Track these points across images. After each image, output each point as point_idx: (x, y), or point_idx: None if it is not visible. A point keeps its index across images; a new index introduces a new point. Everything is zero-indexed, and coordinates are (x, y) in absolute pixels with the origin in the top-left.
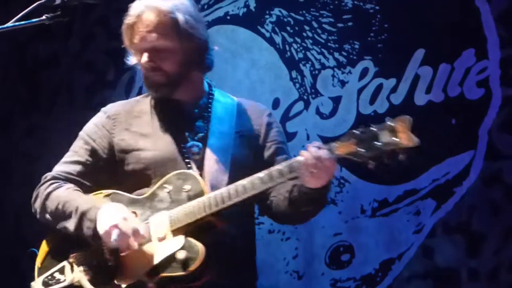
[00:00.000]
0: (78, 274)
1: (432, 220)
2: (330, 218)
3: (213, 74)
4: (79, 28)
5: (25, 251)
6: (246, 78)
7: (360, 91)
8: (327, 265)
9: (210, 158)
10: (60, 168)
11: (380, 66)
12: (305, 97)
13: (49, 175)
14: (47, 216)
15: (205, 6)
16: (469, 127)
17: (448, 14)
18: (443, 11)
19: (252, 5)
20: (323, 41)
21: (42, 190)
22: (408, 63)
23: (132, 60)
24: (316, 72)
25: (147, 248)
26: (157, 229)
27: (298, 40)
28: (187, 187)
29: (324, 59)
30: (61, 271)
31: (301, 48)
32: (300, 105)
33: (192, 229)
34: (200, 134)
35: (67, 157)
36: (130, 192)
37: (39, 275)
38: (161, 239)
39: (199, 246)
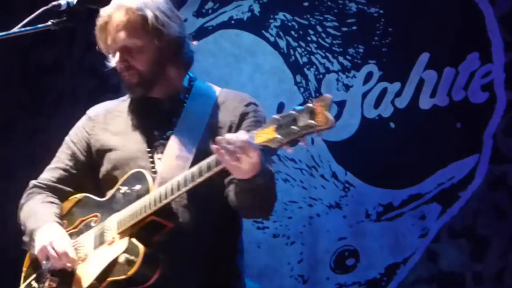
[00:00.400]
0: (48, 283)
1: (437, 225)
2: (335, 222)
3: (217, 78)
4: (82, 33)
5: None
6: (250, 82)
7: (364, 95)
8: (332, 270)
9: (170, 155)
10: (43, 175)
11: (384, 70)
12: (309, 101)
13: (31, 183)
14: (21, 227)
15: (210, 11)
16: (474, 131)
17: (452, 17)
18: (447, 15)
19: (257, 9)
20: (327, 45)
21: (21, 200)
22: (413, 67)
23: (112, 62)
24: (321, 76)
25: (98, 253)
26: (107, 233)
27: (303, 44)
28: (137, 187)
29: (328, 63)
30: (37, 279)
31: (305, 52)
32: None
33: (139, 231)
34: (169, 132)
35: (51, 163)
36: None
37: (23, 282)
38: (110, 243)
39: (139, 248)
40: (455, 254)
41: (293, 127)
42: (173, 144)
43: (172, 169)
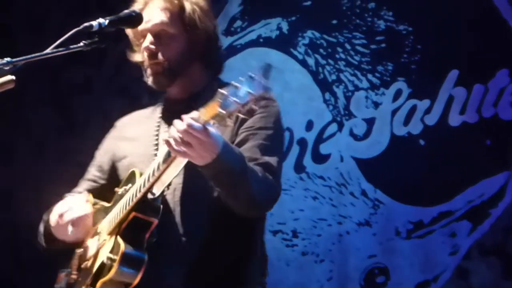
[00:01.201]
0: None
1: (468, 242)
2: (364, 240)
3: None
4: (112, 53)
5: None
6: (279, 100)
7: (394, 112)
8: None
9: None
10: (75, 188)
11: (414, 87)
12: (338, 119)
13: (64, 196)
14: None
15: (238, 29)
16: (504, 148)
17: (481, 34)
18: (476, 32)
19: (285, 27)
20: (356, 62)
21: None
22: (442, 84)
23: (135, 57)
24: (350, 93)
25: (96, 256)
26: (101, 235)
27: (331, 62)
28: (128, 186)
29: (357, 81)
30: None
31: (334, 70)
32: (333, 127)
33: (125, 230)
34: None
35: (84, 175)
36: None
37: None
38: (102, 245)
39: (120, 247)
40: (486, 272)
41: (233, 98)
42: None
43: (170, 168)
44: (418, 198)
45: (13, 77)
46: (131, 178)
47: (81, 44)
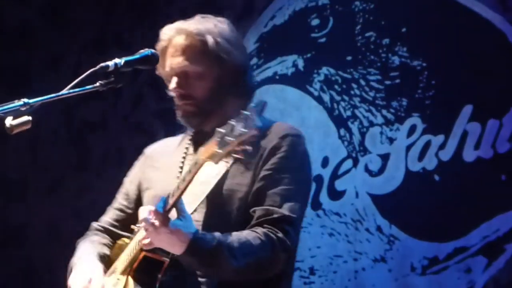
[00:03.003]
0: None
1: (483, 278)
2: (380, 276)
3: None
4: (128, 90)
5: None
6: None
7: (408, 148)
8: None
9: (188, 190)
10: (103, 216)
11: (428, 122)
12: (353, 154)
13: (92, 225)
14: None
15: (254, 66)
16: None
17: (495, 70)
18: (490, 68)
19: (301, 64)
20: (370, 98)
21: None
22: (456, 119)
23: (169, 89)
24: (364, 129)
25: None
26: (115, 274)
27: (346, 98)
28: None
29: (372, 117)
30: None
31: (349, 106)
32: (348, 163)
33: (136, 271)
34: None
35: (112, 203)
36: None
37: None
38: (115, 285)
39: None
40: None
41: (228, 138)
42: (195, 179)
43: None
44: (433, 233)
45: (30, 118)
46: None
47: (97, 84)
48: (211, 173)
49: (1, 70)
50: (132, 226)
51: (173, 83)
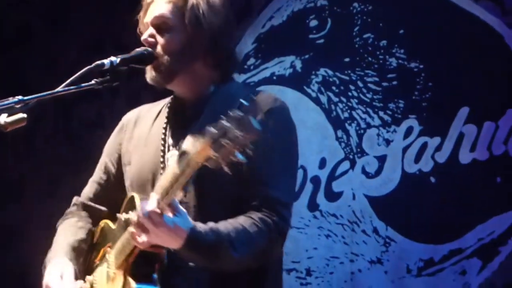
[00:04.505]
0: None
1: (478, 280)
2: (376, 278)
3: None
4: (125, 88)
5: None
6: None
7: (405, 149)
8: None
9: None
10: (84, 189)
11: (424, 124)
12: (351, 156)
13: (73, 200)
14: None
15: (252, 67)
16: None
17: (492, 72)
18: (487, 70)
19: (298, 65)
20: (368, 100)
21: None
22: (453, 122)
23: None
24: (362, 131)
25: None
26: (110, 268)
27: (344, 99)
28: (130, 213)
29: (369, 118)
30: None
31: (346, 107)
32: (346, 165)
33: (133, 265)
34: (181, 141)
35: (93, 175)
36: None
37: None
38: (113, 279)
39: (131, 286)
40: None
41: (223, 140)
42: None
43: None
44: (429, 235)
45: (25, 115)
46: (132, 203)
47: (93, 82)
48: None
49: None
50: (118, 215)
51: (146, 33)
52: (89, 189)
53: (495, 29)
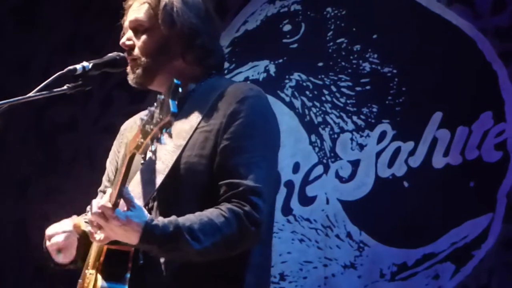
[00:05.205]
0: None
1: (451, 284)
2: (350, 282)
3: None
4: (98, 91)
5: None
6: None
7: (378, 154)
8: None
9: (148, 166)
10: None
11: (398, 129)
12: (324, 161)
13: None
14: None
15: (225, 71)
16: (487, 190)
17: (465, 77)
18: (460, 75)
19: (272, 70)
20: (341, 104)
21: None
22: (426, 126)
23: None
24: (335, 136)
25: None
26: (88, 269)
27: (317, 104)
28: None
29: (343, 123)
30: None
31: (320, 112)
32: (319, 169)
33: (104, 265)
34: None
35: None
36: None
37: None
38: (89, 280)
39: (98, 285)
40: None
41: (148, 126)
42: (153, 154)
43: (141, 184)
44: (402, 240)
45: None
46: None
47: (65, 87)
48: (169, 149)
49: None
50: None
51: (124, 37)
52: (97, 200)
53: (467, 34)
